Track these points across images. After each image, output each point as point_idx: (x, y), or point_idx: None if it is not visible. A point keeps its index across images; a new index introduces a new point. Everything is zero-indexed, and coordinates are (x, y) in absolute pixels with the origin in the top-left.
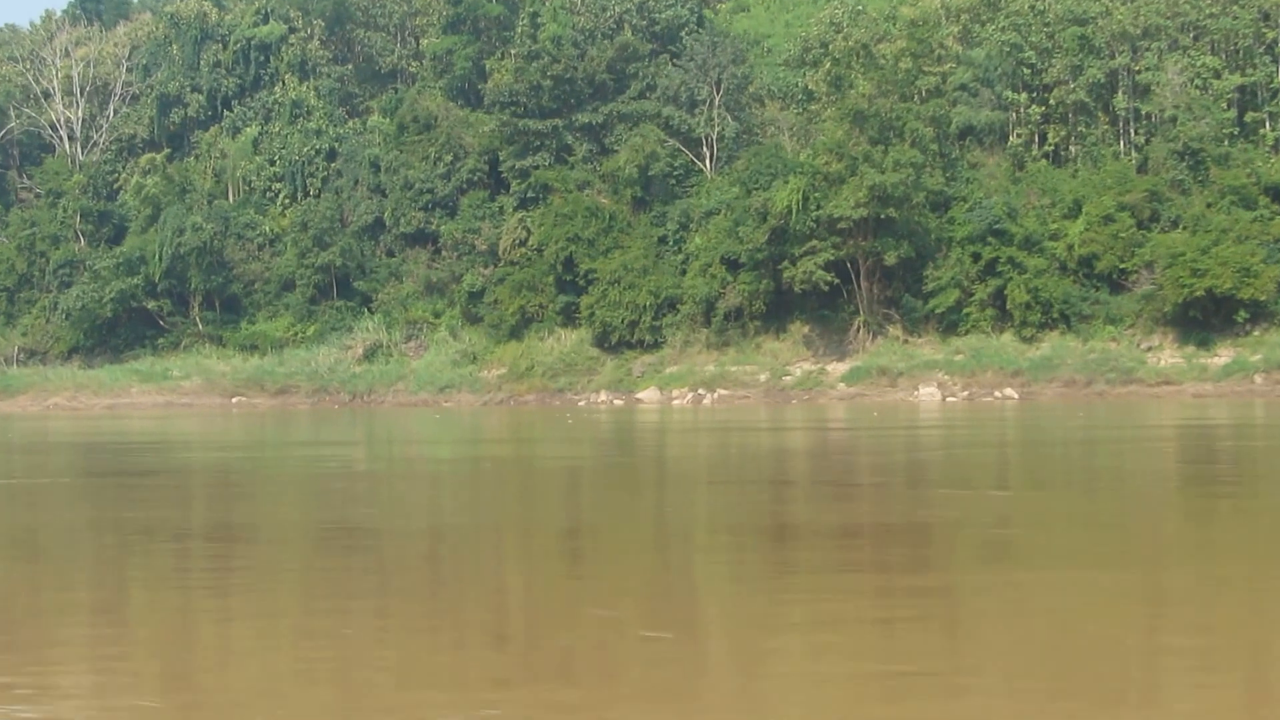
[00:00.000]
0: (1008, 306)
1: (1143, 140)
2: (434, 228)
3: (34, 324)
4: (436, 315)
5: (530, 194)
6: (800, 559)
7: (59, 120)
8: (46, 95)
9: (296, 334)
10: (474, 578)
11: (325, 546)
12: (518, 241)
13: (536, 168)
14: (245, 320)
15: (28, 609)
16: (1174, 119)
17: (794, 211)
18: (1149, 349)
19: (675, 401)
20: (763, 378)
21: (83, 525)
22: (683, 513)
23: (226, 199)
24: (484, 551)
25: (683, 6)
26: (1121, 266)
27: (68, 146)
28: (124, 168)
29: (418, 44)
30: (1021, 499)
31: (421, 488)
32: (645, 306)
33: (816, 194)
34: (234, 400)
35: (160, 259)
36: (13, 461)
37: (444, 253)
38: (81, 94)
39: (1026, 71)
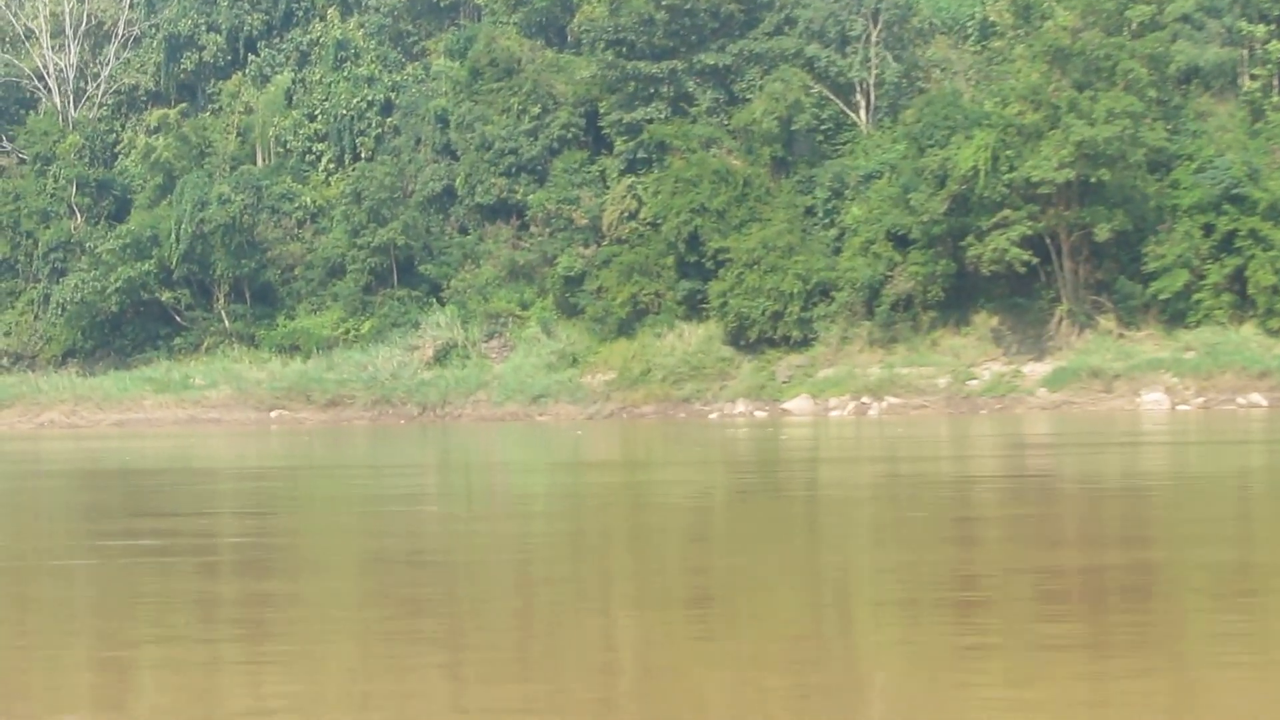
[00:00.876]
0: (1249, 291)
1: None
2: (519, 197)
3: (19, 321)
4: (524, 307)
5: (641, 154)
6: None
7: (45, 67)
8: (29, 36)
9: (348, 332)
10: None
11: (390, 639)
12: (627, 214)
13: (649, 121)
14: (283, 315)
15: None
16: None
17: (981, 174)
18: None
19: (833, 413)
20: (942, 382)
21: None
22: (859, 576)
23: (255, 164)
24: (599, 632)
25: None
26: None
27: (57, 100)
28: (125, 127)
29: None
30: None
31: (510, 540)
32: (791, 294)
33: (1009, 152)
34: (273, 414)
35: (177, 239)
36: None
37: (533, 228)
38: (73, 35)
39: None
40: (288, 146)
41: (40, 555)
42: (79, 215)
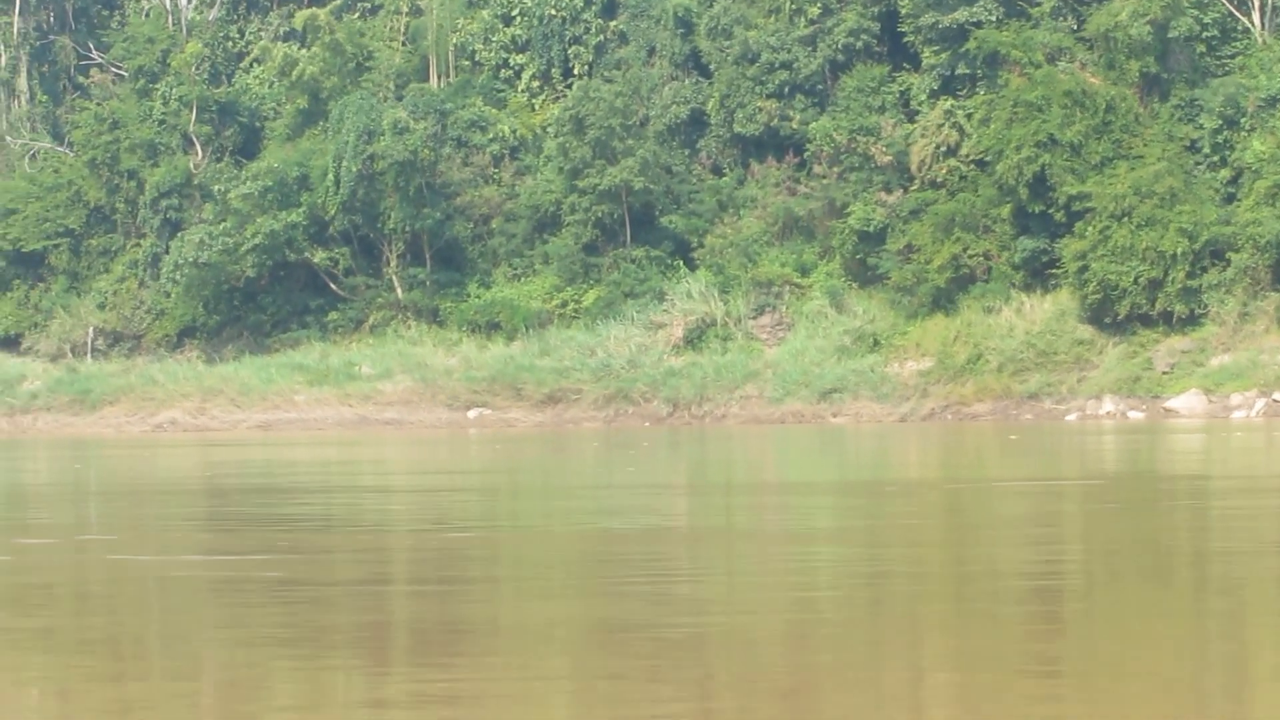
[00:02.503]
0: None
1: None
2: (794, 126)
3: (119, 290)
4: (804, 272)
5: (962, 70)
6: None
7: None
8: None
9: (566, 304)
10: None
11: None
12: (944, 149)
13: (974, 25)
14: (475, 282)
15: None
16: None
17: None
18: None
19: (1236, 413)
20: None
21: None
22: None
23: (428, 82)
24: None
25: None
26: None
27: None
28: (245, 33)
29: None
30: None
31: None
32: (1174, 256)
33: None
34: (471, 414)
35: (336, 181)
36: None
37: (814, 168)
38: None
39: None
40: (476, 58)
41: None
42: (199, 149)
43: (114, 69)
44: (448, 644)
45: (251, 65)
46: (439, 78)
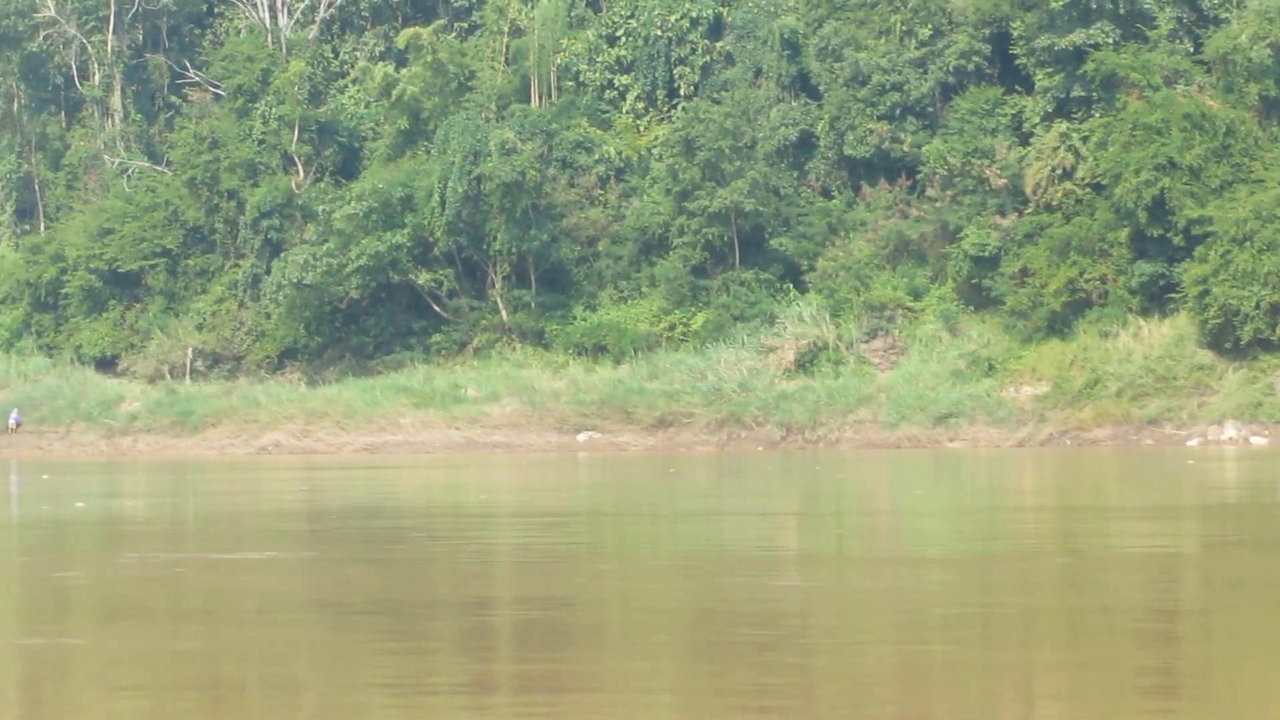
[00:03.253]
0: None
1: None
2: (906, 149)
3: (218, 311)
4: (917, 296)
5: (1077, 92)
6: None
7: None
8: None
9: (674, 327)
10: None
11: None
12: (1060, 172)
13: (1091, 47)
14: (581, 305)
15: None
16: None
17: None
18: None
19: None
20: None
21: None
22: None
23: (529, 103)
24: None
25: None
26: None
27: (263, 15)
28: (342, 54)
29: None
30: None
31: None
32: None
33: None
34: (581, 438)
35: (442, 201)
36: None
37: (926, 191)
38: None
39: None
40: (580, 80)
41: None
42: (301, 169)
43: (211, 88)
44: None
45: (346, 85)
46: (540, 98)
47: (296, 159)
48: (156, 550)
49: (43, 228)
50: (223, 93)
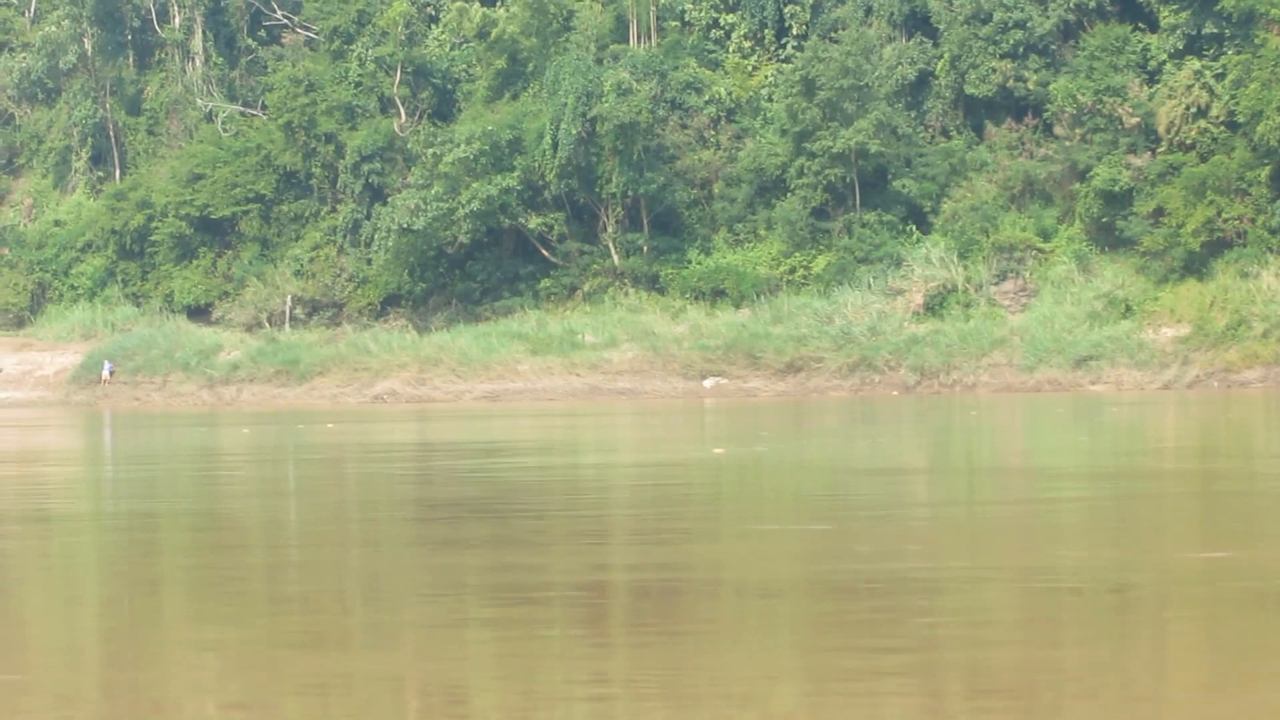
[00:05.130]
0: None
1: None
2: (1030, 88)
3: (316, 257)
4: (1046, 237)
5: (1210, 29)
6: None
7: None
8: None
9: (795, 271)
10: None
11: None
12: (1194, 110)
13: None
14: (695, 248)
15: None
16: None
17: None
18: None
19: None
20: None
21: None
22: None
23: (626, 43)
24: None
25: None
26: None
27: None
28: None
29: None
30: None
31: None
32: None
33: None
34: (707, 383)
35: (554, 144)
36: None
37: (1055, 130)
38: None
39: None
40: (686, 20)
41: None
42: (403, 112)
43: (304, 30)
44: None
45: (430, 26)
46: (639, 38)
47: (398, 101)
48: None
49: (118, 174)
50: (315, 35)
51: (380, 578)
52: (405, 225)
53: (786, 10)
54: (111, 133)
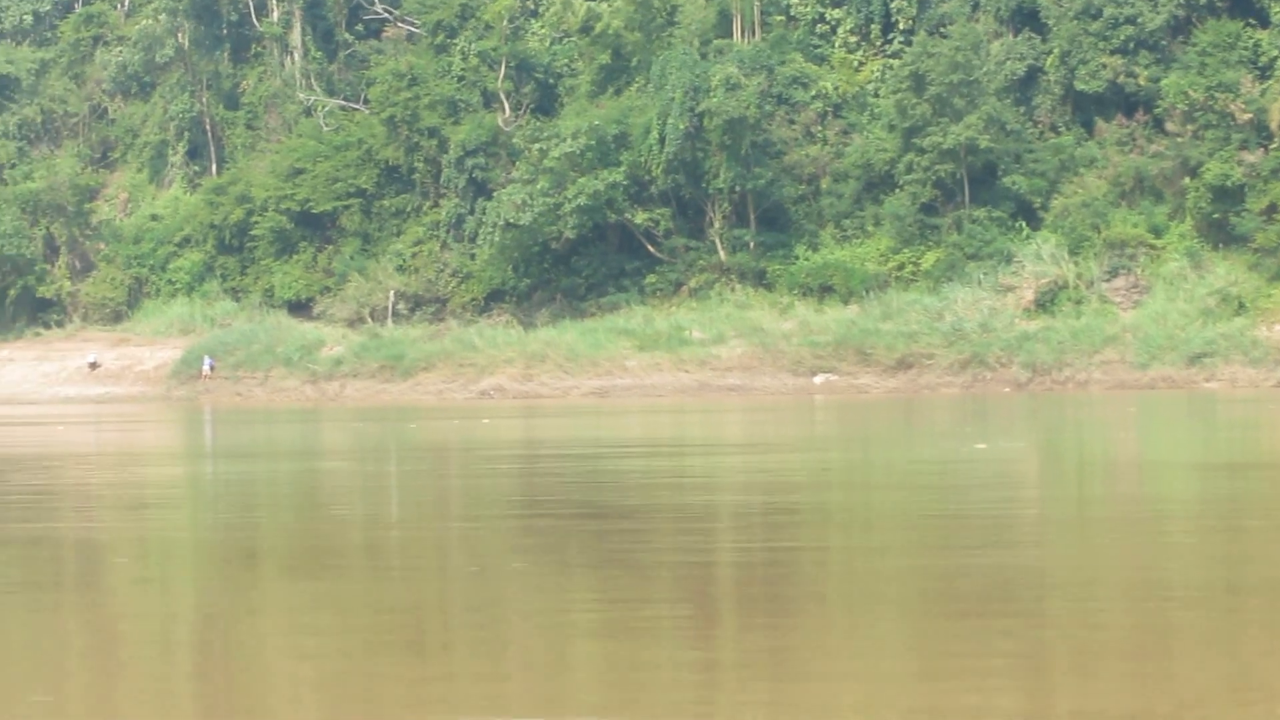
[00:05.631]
0: None
1: None
2: (1140, 84)
3: (419, 252)
4: (1158, 233)
5: None
6: None
7: None
8: None
9: (904, 267)
10: None
11: None
12: None
13: None
14: (802, 244)
15: None
16: None
17: None
18: None
19: None
20: None
21: None
22: None
23: (729, 38)
24: None
25: None
26: None
27: None
28: None
29: None
30: None
31: None
32: None
33: None
34: (817, 379)
35: (661, 139)
36: None
37: (1165, 126)
38: None
39: None
40: (791, 14)
41: None
42: (506, 106)
43: (405, 24)
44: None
45: (528, 20)
46: (743, 33)
47: (502, 96)
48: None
49: (215, 169)
50: (416, 29)
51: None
52: (511, 220)
53: (893, 5)
54: (208, 127)
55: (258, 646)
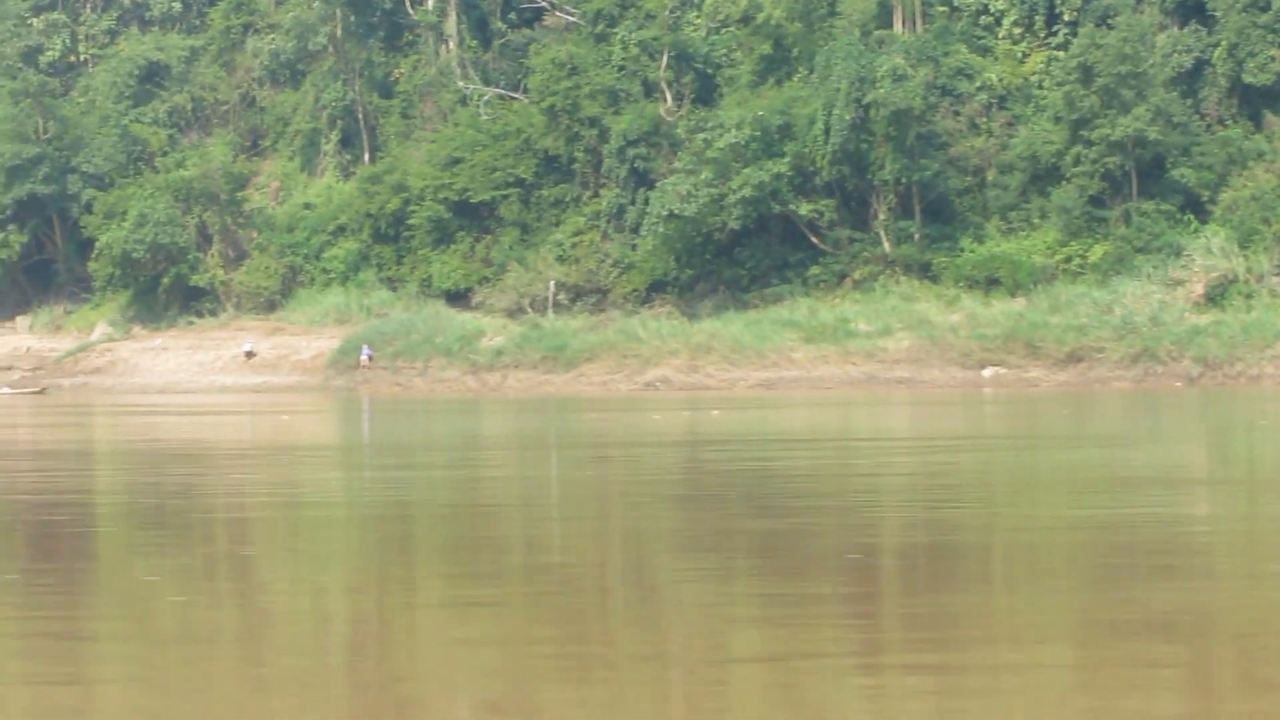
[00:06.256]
0: None
1: None
2: None
3: (579, 243)
4: None
5: None
6: None
7: None
8: None
9: (1071, 260)
10: None
11: None
12: None
13: None
14: (968, 236)
15: None
16: None
17: None
18: None
19: None
20: None
21: None
22: None
23: (892, 29)
24: None
25: None
26: None
27: None
28: None
29: None
30: None
31: None
32: None
33: None
34: (986, 373)
35: (826, 130)
36: None
37: None
38: None
39: None
40: (954, 4)
41: None
42: (668, 96)
43: (564, 14)
44: None
45: (686, 10)
46: (904, 24)
47: (664, 86)
48: None
49: (367, 157)
50: (575, 18)
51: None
52: (675, 211)
53: None
54: (360, 115)
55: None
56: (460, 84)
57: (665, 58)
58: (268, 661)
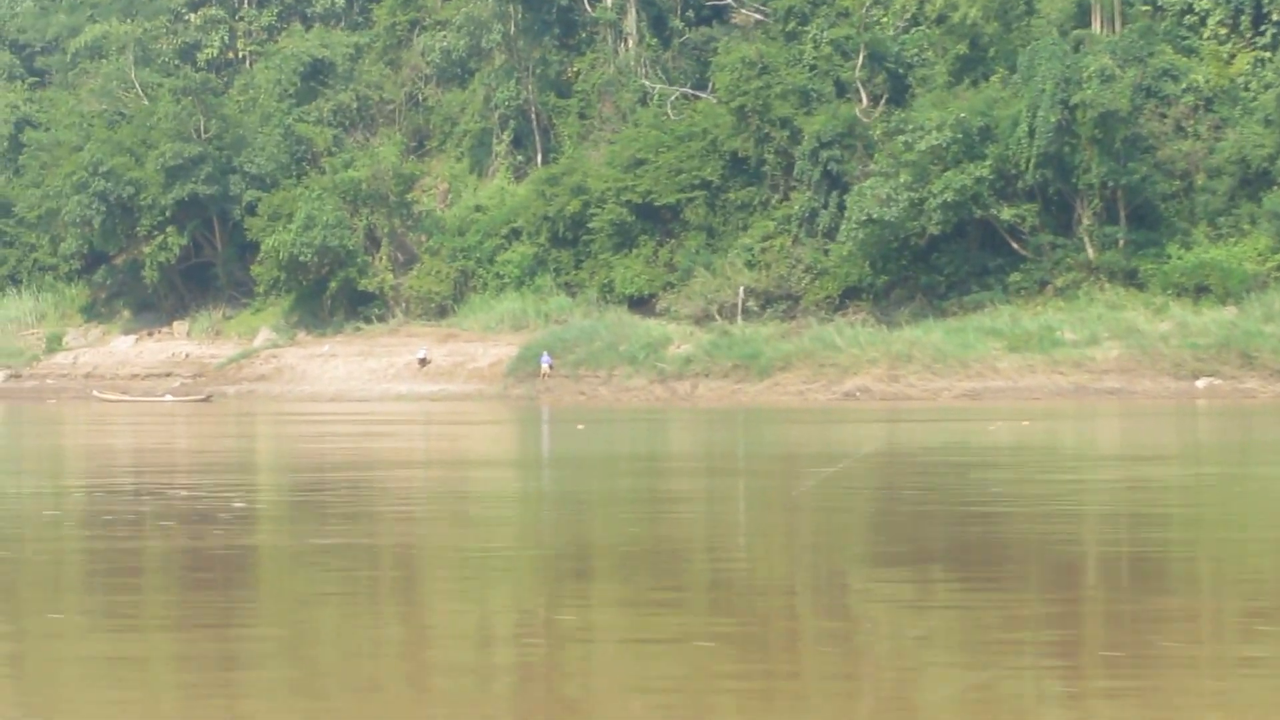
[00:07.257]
0: None
1: None
2: None
3: (770, 248)
4: None
5: None
6: None
7: None
8: None
9: None
10: None
11: None
12: None
13: None
14: (1175, 243)
15: None
16: None
17: None
18: None
19: None
20: None
21: None
22: None
23: (1090, 28)
24: None
25: None
26: None
27: None
28: None
29: None
30: None
31: None
32: None
33: None
34: (1200, 384)
35: (1033, 132)
36: None
37: None
38: None
39: None
40: (1157, 3)
41: None
42: (864, 97)
43: (750, 12)
44: None
45: (877, 9)
46: (1103, 24)
47: (860, 86)
48: None
49: (540, 158)
50: (764, 17)
51: None
52: (873, 215)
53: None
54: (534, 115)
55: None
56: (645, 83)
57: (860, 57)
58: None
